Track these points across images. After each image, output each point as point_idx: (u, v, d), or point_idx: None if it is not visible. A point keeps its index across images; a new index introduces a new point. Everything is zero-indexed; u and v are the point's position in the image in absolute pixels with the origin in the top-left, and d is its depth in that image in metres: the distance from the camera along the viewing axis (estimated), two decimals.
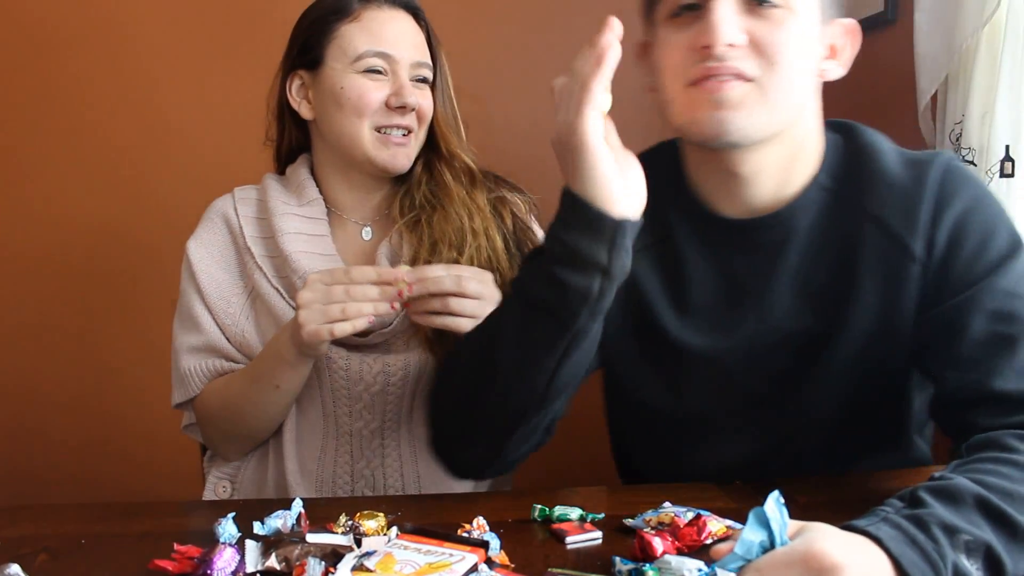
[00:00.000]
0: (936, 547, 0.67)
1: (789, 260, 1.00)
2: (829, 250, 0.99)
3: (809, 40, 0.94)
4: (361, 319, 1.04)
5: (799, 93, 0.95)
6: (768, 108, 0.92)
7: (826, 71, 0.99)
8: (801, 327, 1.01)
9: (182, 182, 2.00)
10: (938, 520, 0.70)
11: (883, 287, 0.97)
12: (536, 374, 0.91)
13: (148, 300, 2.01)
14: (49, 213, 2.08)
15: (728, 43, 0.89)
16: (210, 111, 2.02)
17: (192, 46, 2.04)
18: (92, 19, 2.04)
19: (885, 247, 0.97)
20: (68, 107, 2.06)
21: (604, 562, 0.80)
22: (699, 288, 1.04)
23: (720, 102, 0.90)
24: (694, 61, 0.91)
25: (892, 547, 0.66)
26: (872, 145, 1.01)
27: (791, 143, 0.97)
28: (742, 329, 1.02)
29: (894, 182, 0.97)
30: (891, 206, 0.97)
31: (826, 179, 1.00)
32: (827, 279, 0.99)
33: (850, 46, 1.01)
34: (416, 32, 1.27)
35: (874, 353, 0.99)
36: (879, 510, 0.72)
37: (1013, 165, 1.51)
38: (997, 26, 1.51)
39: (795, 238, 1.00)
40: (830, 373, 1.01)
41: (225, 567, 0.77)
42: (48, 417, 2.11)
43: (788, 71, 0.91)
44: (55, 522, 0.96)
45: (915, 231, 0.95)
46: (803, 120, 0.98)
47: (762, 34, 0.90)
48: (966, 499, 0.72)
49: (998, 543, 0.70)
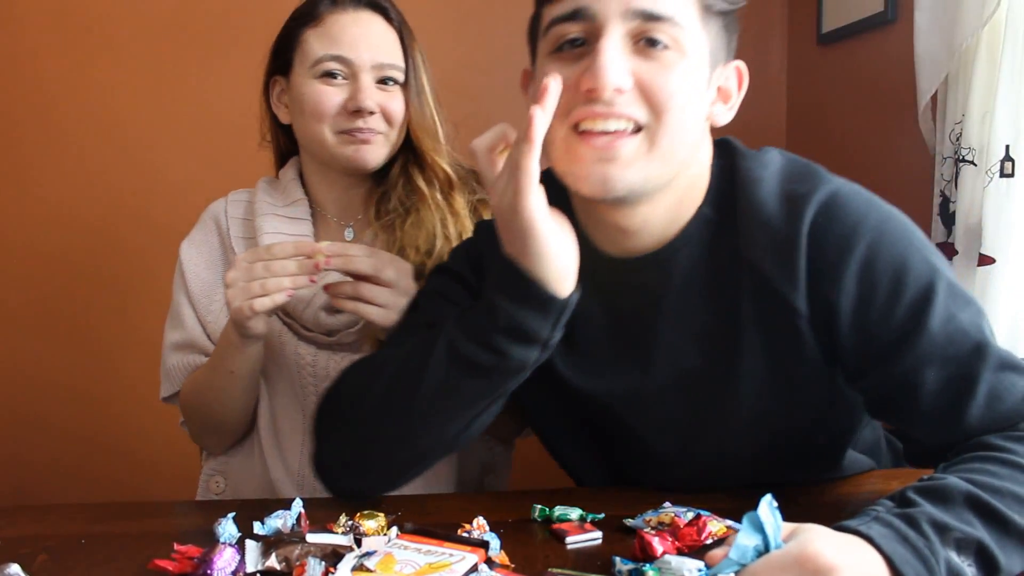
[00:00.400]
0: (927, 544, 0.68)
1: (670, 301, 0.94)
2: (711, 291, 0.93)
3: (699, 84, 0.87)
4: (280, 293, 1.04)
5: (690, 140, 0.88)
6: (658, 160, 0.85)
7: (715, 115, 0.92)
8: (691, 372, 0.94)
9: (184, 182, 2.00)
10: (928, 518, 0.70)
11: (770, 340, 0.90)
12: (451, 425, 0.92)
13: (147, 298, 2.02)
14: (49, 211, 2.08)
15: (616, 88, 0.82)
16: (212, 111, 2.02)
17: (194, 46, 2.04)
18: (93, 19, 2.04)
19: (766, 301, 0.89)
20: (68, 107, 2.06)
21: (604, 562, 0.80)
22: (585, 328, 0.97)
23: (606, 158, 0.83)
24: (578, 103, 0.84)
25: (884, 545, 0.67)
26: (748, 173, 0.92)
27: (680, 189, 0.91)
28: (631, 373, 0.97)
29: (768, 222, 0.88)
30: (767, 253, 0.88)
31: (709, 211, 0.93)
32: (712, 321, 0.93)
33: (739, 89, 0.94)
34: (383, 32, 1.24)
35: (776, 404, 0.93)
36: (870, 510, 0.73)
37: (1013, 165, 1.51)
38: (997, 26, 1.51)
39: (676, 278, 0.93)
40: (731, 422, 0.95)
41: (225, 567, 0.77)
42: (48, 417, 2.11)
43: (679, 118, 0.84)
44: (55, 522, 0.96)
45: (795, 286, 0.87)
46: (694, 164, 0.92)
47: (650, 77, 0.83)
48: (956, 497, 0.72)
49: (990, 540, 0.70)
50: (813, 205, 0.87)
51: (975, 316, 0.85)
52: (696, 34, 0.86)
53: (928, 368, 0.83)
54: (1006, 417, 0.82)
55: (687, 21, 0.85)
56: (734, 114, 0.94)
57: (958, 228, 1.61)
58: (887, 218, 0.88)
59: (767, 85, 2.16)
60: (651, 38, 0.84)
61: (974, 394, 0.82)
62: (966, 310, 0.85)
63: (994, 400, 0.82)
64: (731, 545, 0.66)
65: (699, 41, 0.86)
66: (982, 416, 0.82)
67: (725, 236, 0.91)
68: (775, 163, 0.94)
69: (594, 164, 0.84)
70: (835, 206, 0.87)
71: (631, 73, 0.83)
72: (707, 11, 0.87)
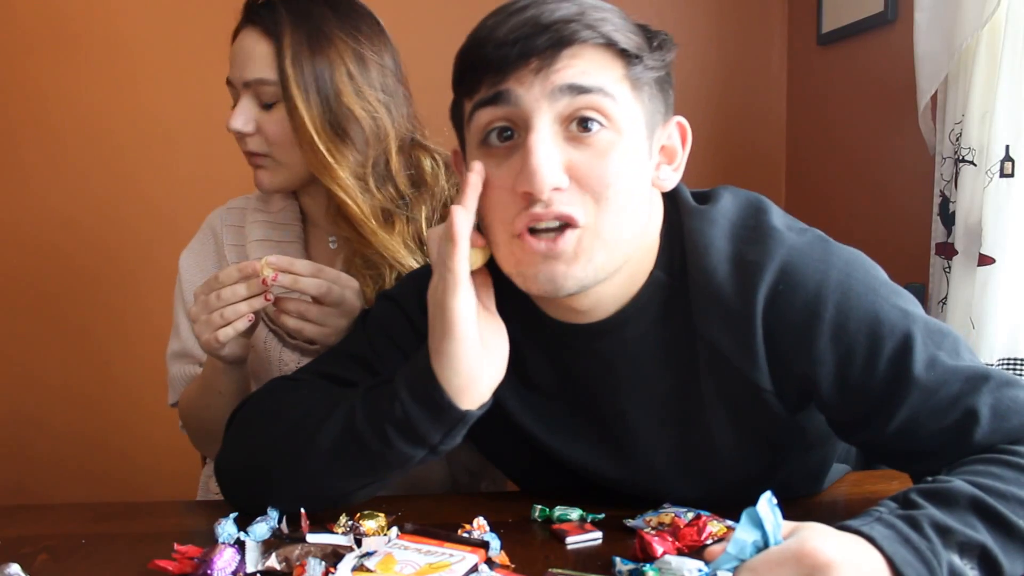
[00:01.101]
0: (930, 546, 0.67)
1: (626, 370, 0.90)
2: (669, 360, 0.89)
3: (640, 159, 0.82)
4: (240, 320, 1.01)
5: (637, 220, 0.83)
6: (604, 250, 0.80)
7: (661, 181, 0.87)
8: (658, 438, 0.92)
9: (185, 185, 2.00)
10: (931, 520, 0.69)
11: (736, 411, 0.88)
12: (338, 485, 0.89)
13: (147, 300, 2.02)
14: (51, 212, 2.08)
15: (553, 188, 0.77)
16: (213, 114, 2.02)
17: (196, 46, 2.04)
18: (94, 20, 2.04)
19: (725, 375, 0.86)
20: (66, 109, 2.06)
21: (604, 562, 0.80)
22: (546, 391, 0.94)
23: (552, 256, 0.79)
24: (518, 209, 0.79)
25: (885, 546, 0.66)
26: (696, 236, 0.87)
27: (632, 262, 0.86)
28: (596, 438, 0.94)
29: (719, 294, 0.84)
30: (722, 330, 0.85)
31: (662, 275, 0.88)
32: (672, 392, 0.90)
33: (683, 146, 0.89)
34: (254, 47, 1.14)
35: (756, 458, 0.92)
36: (873, 511, 0.72)
37: (1013, 165, 1.51)
38: (997, 26, 1.51)
39: (630, 345, 0.89)
40: (709, 467, 0.92)
41: (225, 567, 0.77)
42: (49, 417, 2.11)
43: (620, 204, 0.80)
44: (55, 522, 0.96)
45: (755, 363, 0.84)
46: (645, 238, 0.87)
47: (587, 169, 0.78)
48: (960, 501, 0.72)
49: (994, 544, 0.70)
50: (768, 275, 0.83)
51: (954, 347, 0.82)
52: (629, 106, 0.81)
53: (923, 415, 0.80)
54: (1015, 431, 0.79)
55: (618, 92, 0.80)
56: (680, 174, 0.89)
57: (958, 228, 1.61)
58: (848, 271, 0.83)
59: (767, 85, 2.16)
60: (583, 118, 0.79)
61: (978, 422, 0.79)
62: (944, 345, 0.81)
63: (999, 420, 0.79)
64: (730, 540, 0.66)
65: (633, 113, 0.81)
66: (990, 436, 0.79)
67: (679, 301, 0.87)
68: (724, 217, 0.87)
69: (540, 265, 0.80)
70: (792, 272, 0.83)
71: (565, 167, 0.78)
72: (636, 82, 0.82)
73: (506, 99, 0.79)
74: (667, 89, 0.86)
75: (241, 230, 1.29)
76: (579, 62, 0.79)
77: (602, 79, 0.79)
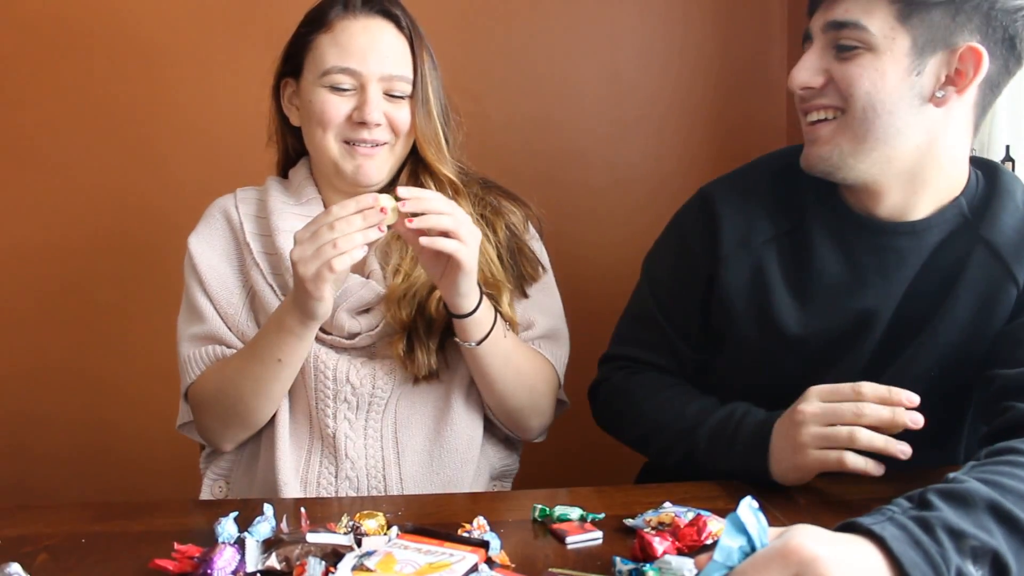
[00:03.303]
0: (940, 550, 0.67)
1: (910, 266, 1.10)
2: (944, 265, 1.09)
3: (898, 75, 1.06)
4: (356, 249, 1.03)
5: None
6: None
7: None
8: (895, 325, 1.10)
9: (185, 186, 1.99)
10: (945, 523, 0.69)
11: (978, 304, 1.06)
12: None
13: (148, 303, 2.01)
14: (50, 214, 2.07)
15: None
16: (217, 109, 2.02)
17: (198, 45, 2.04)
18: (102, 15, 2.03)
19: (990, 269, 1.06)
20: (68, 107, 2.06)
21: (604, 562, 0.80)
22: (821, 273, 1.13)
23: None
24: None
25: (895, 547, 0.66)
26: (1007, 186, 1.11)
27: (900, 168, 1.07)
28: (849, 318, 1.11)
29: (1014, 218, 1.08)
30: (1005, 236, 1.07)
31: (964, 205, 1.10)
32: (932, 289, 1.09)
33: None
34: (393, 41, 1.23)
35: (951, 363, 1.07)
36: (885, 509, 0.72)
37: (1013, 165, 1.51)
38: None
39: (922, 249, 1.10)
40: (907, 372, 1.08)
41: (225, 567, 0.77)
42: (49, 416, 2.11)
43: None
44: (55, 522, 0.96)
45: (1021, 261, 1.05)
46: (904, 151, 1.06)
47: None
48: (977, 503, 0.72)
49: (1008, 548, 0.70)
50: None
51: None
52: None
53: None
54: None
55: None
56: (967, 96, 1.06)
57: None
58: None
59: (767, 84, 2.16)
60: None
61: None
62: None
63: None
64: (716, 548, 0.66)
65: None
66: None
67: (970, 226, 1.09)
68: (1022, 186, 1.13)
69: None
70: None
71: None
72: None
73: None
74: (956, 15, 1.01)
75: (261, 220, 1.29)
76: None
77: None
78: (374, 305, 1.23)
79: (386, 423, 1.24)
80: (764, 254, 1.15)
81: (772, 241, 1.16)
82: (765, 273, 1.15)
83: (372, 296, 1.22)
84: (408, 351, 1.21)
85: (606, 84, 1.98)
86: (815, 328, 1.12)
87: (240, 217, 1.30)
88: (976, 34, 1.01)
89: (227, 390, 1.20)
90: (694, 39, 1.97)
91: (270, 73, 1.31)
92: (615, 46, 1.97)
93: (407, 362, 1.21)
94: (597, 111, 1.99)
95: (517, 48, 2.00)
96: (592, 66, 1.98)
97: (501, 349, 1.20)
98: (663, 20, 1.98)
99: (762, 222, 1.17)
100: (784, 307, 1.13)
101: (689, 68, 2.00)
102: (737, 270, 1.17)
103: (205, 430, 1.26)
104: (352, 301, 1.22)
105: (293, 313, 1.12)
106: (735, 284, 1.17)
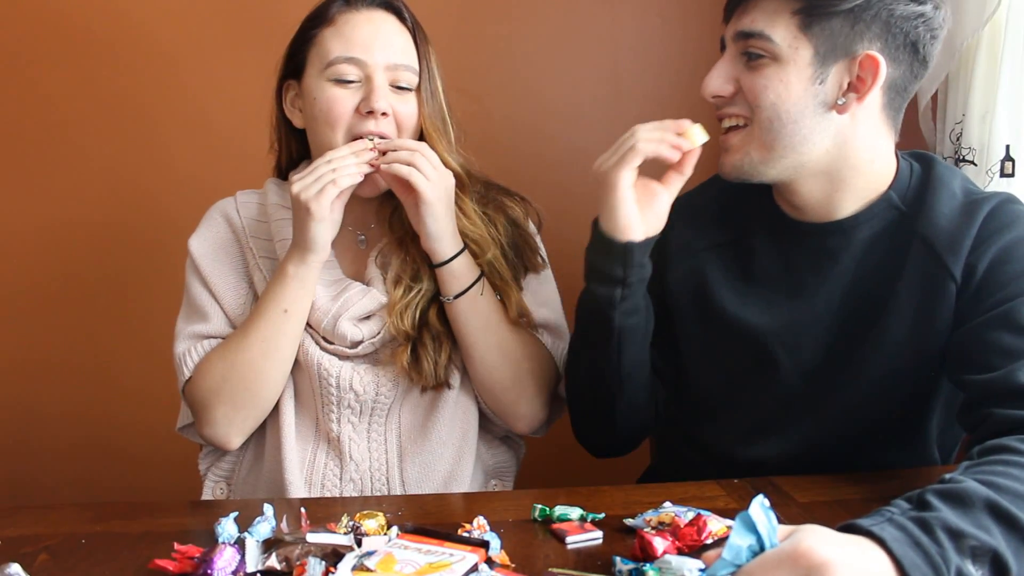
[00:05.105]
0: (940, 551, 0.67)
1: (844, 264, 1.10)
2: (880, 260, 1.09)
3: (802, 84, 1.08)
4: (355, 174, 1.15)
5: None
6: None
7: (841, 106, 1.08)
8: (841, 325, 1.10)
9: (190, 182, 1.99)
10: (944, 524, 0.69)
11: (919, 300, 1.05)
12: (604, 366, 1.15)
13: (149, 301, 2.01)
14: (50, 215, 2.07)
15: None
16: (224, 107, 2.02)
17: (205, 43, 2.04)
18: (109, 13, 2.03)
19: (927, 265, 1.05)
20: (73, 104, 2.06)
21: (604, 562, 0.80)
22: (761, 277, 1.16)
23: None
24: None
25: (895, 548, 0.66)
26: (942, 177, 1.10)
27: (826, 170, 1.08)
28: (791, 315, 1.13)
29: (949, 212, 1.06)
30: (940, 231, 1.05)
31: (895, 198, 1.10)
32: (872, 286, 1.09)
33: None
34: (396, 33, 1.23)
35: (903, 361, 1.07)
36: (884, 510, 0.72)
37: (1013, 165, 1.51)
38: (997, 26, 1.51)
39: (853, 246, 1.10)
40: (861, 373, 1.09)
41: (225, 567, 0.77)
42: (48, 416, 2.11)
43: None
44: (55, 522, 0.96)
45: (958, 256, 1.03)
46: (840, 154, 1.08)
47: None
48: (975, 503, 0.72)
49: (1007, 547, 0.70)
50: (989, 204, 1.06)
51: None
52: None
53: (1007, 330, 0.96)
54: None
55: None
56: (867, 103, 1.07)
57: None
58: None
59: None
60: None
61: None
62: None
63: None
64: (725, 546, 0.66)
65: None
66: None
67: (905, 219, 1.09)
68: (961, 177, 1.13)
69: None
70: (1006, 208, 1.06)
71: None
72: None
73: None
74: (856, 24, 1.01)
75: (262, 224, 1.29)
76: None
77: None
78: (375, 312, 1.23)
79: (389, 428, 1.24)
80: (706, 259, 1.19)
81: (714, 249, 1.20)
82: (706, 273, 1.19)
83: (374, 305, 1.22)
84: (413, 361, 1.21)
85: (606, 84, 1.98)
86: (758, 324, 1.14)
87: (242, 220, 1.30)
88: (876, 41, 1.01)
89: (236, 363, 1.19)
90: (694, 39, 1.97)
91: (274, 73, 1.30)
92: (615, 46, 1.97)
93: (412, 373, 1.21)
94: (597, 111, 1.99)
95: (517, 48, 1.99)
96: (592, 66, 1.98)
97: (480, 309, 1.21)
98: (663, 20, 1.98)
99: (707, 231, 1.21)
100: (727, 303, 1.17)
101: (689, 68, 2.00)
102: (680, 270, 1.21)
103: (214, 424, 1.22)
104: (354, 310, 1.22)
105: (292, 257, 1.17)
106: (678, 280, 1.21)
